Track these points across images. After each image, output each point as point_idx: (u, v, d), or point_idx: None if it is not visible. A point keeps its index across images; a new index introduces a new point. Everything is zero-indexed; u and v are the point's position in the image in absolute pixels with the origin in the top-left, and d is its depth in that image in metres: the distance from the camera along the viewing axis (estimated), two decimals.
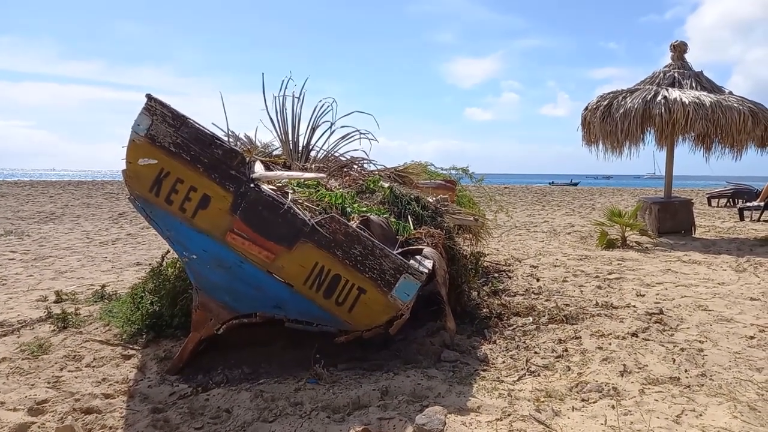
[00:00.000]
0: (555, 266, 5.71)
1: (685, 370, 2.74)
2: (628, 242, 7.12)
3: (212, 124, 5.42)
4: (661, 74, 8.21)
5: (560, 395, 2.44)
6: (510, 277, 5.19)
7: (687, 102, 7.32)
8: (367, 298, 2.77)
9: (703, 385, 2.56)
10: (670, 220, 8.24)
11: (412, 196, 3.97)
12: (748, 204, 11.35)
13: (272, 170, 5.13)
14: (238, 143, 7.40)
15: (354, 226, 3.22)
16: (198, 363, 2.97)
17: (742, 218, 10.95)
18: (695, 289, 4.67)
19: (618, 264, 5.85)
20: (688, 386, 2.53)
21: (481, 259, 5.80)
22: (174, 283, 3.61)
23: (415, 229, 3.71)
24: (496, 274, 5.24)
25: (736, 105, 7.36)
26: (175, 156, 2.71)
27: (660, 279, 5.10)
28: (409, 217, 3.80)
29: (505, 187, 23.68)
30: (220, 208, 2.72)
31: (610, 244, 6.99)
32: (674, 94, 7.55)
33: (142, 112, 2.74)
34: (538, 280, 5.03)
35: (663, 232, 8.15)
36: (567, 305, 4.12)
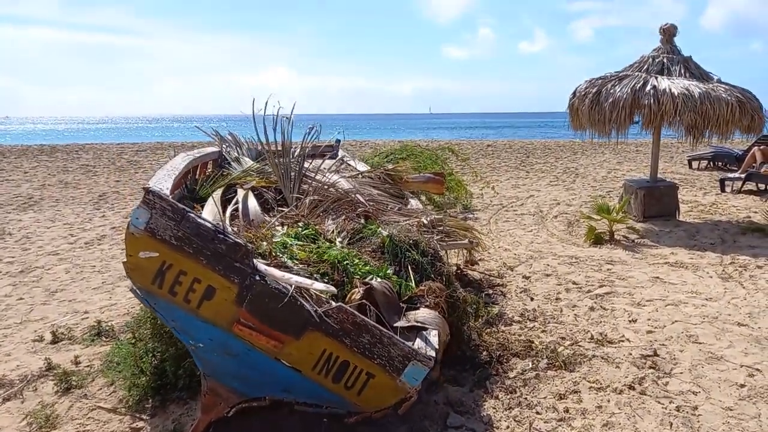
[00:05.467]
0: (547, 276, 5.80)
1: None
2: (615, 236, 7.22)
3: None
4: (650, 59, 8.11)
5: None
6: (504, 294, 5.27)
7: (676, 93, 7.29)
8: (376, 383, 2.82)
9: None
10: (656, 204, 8.36)
11: (411, 241, 3.96)
12: (729, 175, 11.51)
13: (264, 196, 5.07)
14: (224, 145, 7.26)
15: (358, 296, 3.24)
16: None
17: (723, 189, 11.13)
18: (684, 310, 4.81)
19: (608, 270, 5.97)
20: None
21: (474, 267, 5.87)
22: (175, 341, 3.61)
23: (414, 280, 3.74)
24: (490, 291, 5.32)
25: (724, 95, 7.35)
26: (177, 249, 2.66)
27: (650, 293, 5.23)
28: (408, 266, 3.81)
29: (488, 146, 23.58)
30: (226, 299, 2.70)
31: (598, 239, 7.09)
32: (663, 84, 7.49)
33: (140, 206, 2.66)
34: (532, 299, 5.13)
35: (648, 216, 8.28)
36: (563, 339, 4.22)
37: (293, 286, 2.70)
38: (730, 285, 5.44)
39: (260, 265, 2.77)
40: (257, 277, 2.68)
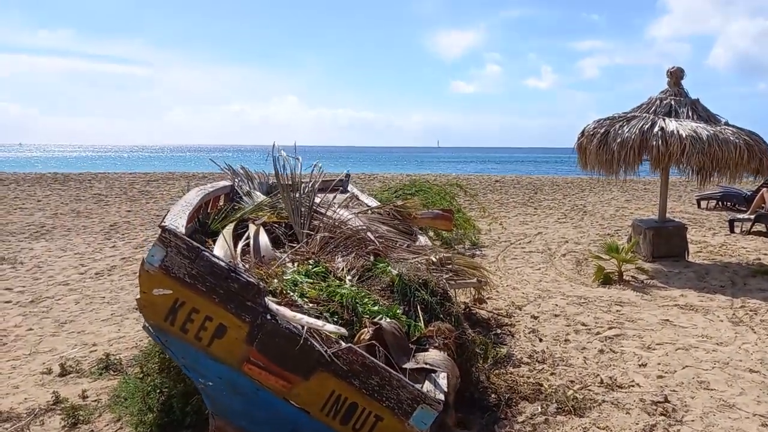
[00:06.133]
0: (555, 316, 5.77)
1: None
2: (624, 277, 7.19)
3: None
4: (658, 101, 8.21)
5: None
6: (512, 334, 5.25)
7: (684, 135, 7.35)
8: (384, 426, 2.80)
9: None
10: (665, 245, 8.35)
11: (420, 281, 3.98)
12: (738, 216, 11.48)
13: (275, 232, 5.12)
14: (236, 179, 7.37)
15: (368, 336, 3.25)
16: None
17: (732, 230, 11.10)
18: (695, 354, 4.76)
19: (617, 311, 5.93)
20: None
21: (483, 306, 5.86)
22: (183, 377, 3.62)
23: (424, 320, 3.74)
24: (498, 331, 5.30)
25: (732, 138, 7.40)
26: (190, 287, 2.69)
27: (660, 336, 5.19)
28: (417, 306, 3.82)
29: (496, 181, 23.69)
30: (237, 337, 2.72)
31: (606, 280, 7.07)
32: (671, 125, 7.56)
33: (155, 244, 2.71)
34: (541, 340, 5.10)
35: (657, 257, 8.26)
36: (572, 382, 4.19)
37: (305, 327, 2.72)
38: (741, 329, 5.39)
39: (272, 304, 2.79)
40: (268, 317, 2.71)
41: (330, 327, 2.83)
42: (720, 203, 15.02)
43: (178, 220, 3.94)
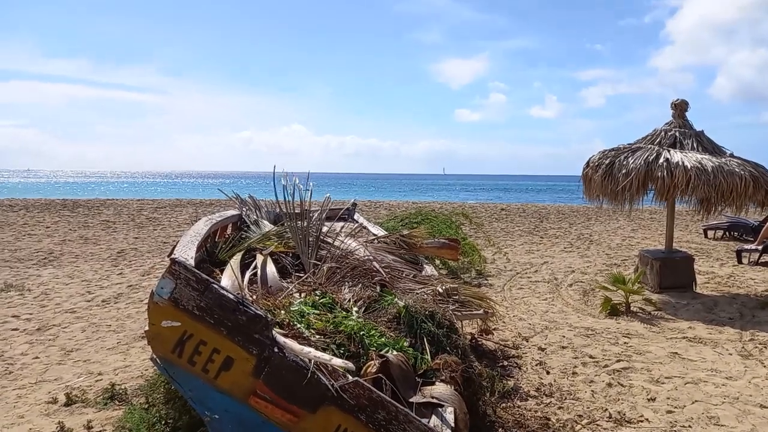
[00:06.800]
0: (563, 348, 5.73)
1: None
2: (631, 308, 7.15)
3: None
4: (663, 133, 8.28)
5: None
6: (519, 366, 5.21)
7: (689, 166, 7.39)
8: None
9: None
10: (672, 276, 8.30)
11: (427, 313, 3.98)
12: (745, 246, 11.42)
13: (282, 262, 5.15)
14: (244, 209, 7.43)
15: (374, 369, 3.25)
16: None
17: (740, 261, 11.04)
18: (705, 389, 4.71)
19: (625, 343, 5.89)
20: None
21: (489, 337, 5.83)
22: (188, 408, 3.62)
23: (430, 352, 3.74)
24: (505, 363, 5.26)
25: (737, 170, 7.43)
26: (198, 319, 2.71)
27: (668, 370, 5.14)
28: (424, 338, 3.81)
29: (502, 209, 23.71)
30: (243, 370, 2.72)
31: (614, 311, 7.03)
32: (676, 157, 7.61)
33: (165, 276, 2.73)
34: (548, 372, 5.06)
35: (664, 288, 8.21)
36: (580, 417, 4.14)
37: (312, 361, 2.72)
38: (751, 363, 5.33)
39: (279, 337, 2.80)
40: (276, 350, 2.72)
41: (337, 361, 2.83)
42: (727, 233, 14.96)
43: (187, 251, 3.98)
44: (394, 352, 3.39)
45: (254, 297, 3.82)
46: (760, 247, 10.89)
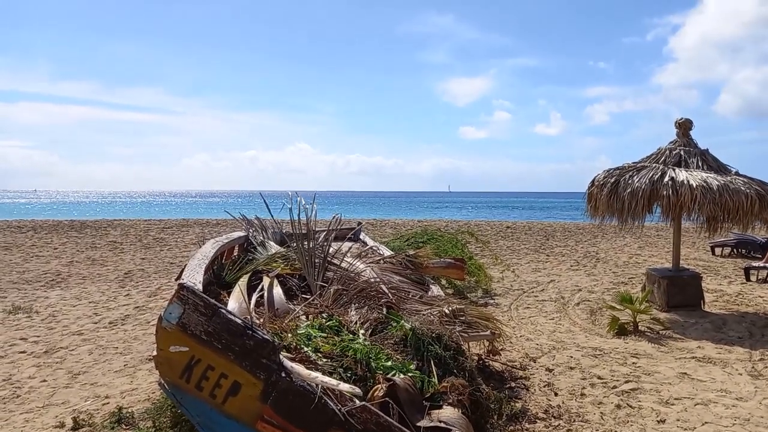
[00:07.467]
0: (571, 368, 5.70)
1: None
2: (639, 327, 7.11)
3: None
4: (667, 151, 8.30)
5: None
6: (526, 387, 5.18)
7: (695, 185, 7.39)
8: None
9: None
10: (680, 294, 8.26)
11: (434, 335, 3.99)
12: (754, 264, 11.36)
13: (288, 283, 5.18)
14: (251, 230, 7.48)
15: (381, 393, 3.25)
16: None
17: (748, 278, 10.98)
18: (714, 410, 4.66)
19: (633, 364, 5.85)
20: None
21: (496, 357, 5.81)
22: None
23: (437, 375, 3.73)
24: (512, 384, 5.23)
25: (743, 188, 7.43)
26: (206, 344, 2.73)
27: (678, 391, 5.09)
28: (431, 360, 3.81)
29: (508, 227, 23.70)
30: (251, 395, 2.73)
31: (621, 330, 6.98)
32: (681, 175, 7.62)
33: (173, 301, 2.76)
34: (556, 394, 5.02)
35: (672, 306, 8.17)
36: None
37: (319, 386, 2.73)
38: (761, 384, 5.28)
39: (286, 361, 2.82)
40: (283, 374, 2.73)
41: (345, 386, 2.84)
42: (735, 250, 14.89)
43: (195, 275, 4.01)
44: (401, 376, 3.39)
45: (261, 320, 3.84)
46: (767, 265, 10.84)
